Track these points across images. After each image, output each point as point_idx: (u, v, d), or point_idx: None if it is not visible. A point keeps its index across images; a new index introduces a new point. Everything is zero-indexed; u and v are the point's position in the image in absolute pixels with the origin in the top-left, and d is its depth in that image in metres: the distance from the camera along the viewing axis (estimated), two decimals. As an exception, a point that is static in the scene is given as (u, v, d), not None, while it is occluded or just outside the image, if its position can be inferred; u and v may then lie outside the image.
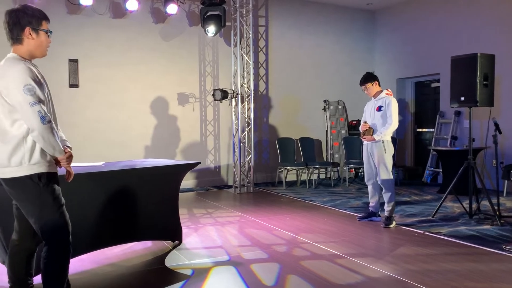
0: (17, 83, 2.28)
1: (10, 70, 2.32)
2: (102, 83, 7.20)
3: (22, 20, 2.41)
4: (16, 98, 2.28)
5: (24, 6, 2.48)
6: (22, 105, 2.27)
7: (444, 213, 5.55)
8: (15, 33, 2.42)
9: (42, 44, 2.50)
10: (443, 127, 8.27)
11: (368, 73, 5.14)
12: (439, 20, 8.18)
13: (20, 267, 2.63)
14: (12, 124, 2.34)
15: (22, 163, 2.34)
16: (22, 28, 2.41)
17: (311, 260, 3.78)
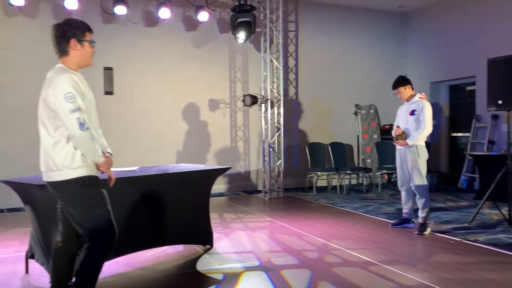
0: (59, 91, 2.42)
1: (55, 80, 2.46)
2: (136, 90, 7.37)
3: (68, 32, 2.55)
4: (58, 105, 2.41)
5: (68, 19, 2.63)
6: (63, 112, 2.40)
7: (481, 220, 5.37)
8: (62, 46, 2.56)
9: (87, 54, 2.63)
10: (479, 131, 8.01)
11: (400, 76, 5.05)
12: (474, 21, 7.95)
13: (62, 268, 2.71)
14: (55, 130, 2.48)
15: (66, 167, 2.47)
16: (68, 40, 2.55)
17: (343, 267, 3.73)
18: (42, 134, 2.54)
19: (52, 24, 2.65)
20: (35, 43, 6.77)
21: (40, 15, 6.79)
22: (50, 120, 2.48)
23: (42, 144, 2.54)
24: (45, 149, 2.52)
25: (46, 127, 2.50)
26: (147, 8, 7.39)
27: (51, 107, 2.45)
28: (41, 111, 2.53)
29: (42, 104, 2.52)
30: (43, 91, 2.51)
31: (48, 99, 2.46)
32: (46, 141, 2.51)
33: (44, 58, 6.84)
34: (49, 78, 2.53)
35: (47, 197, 3.14)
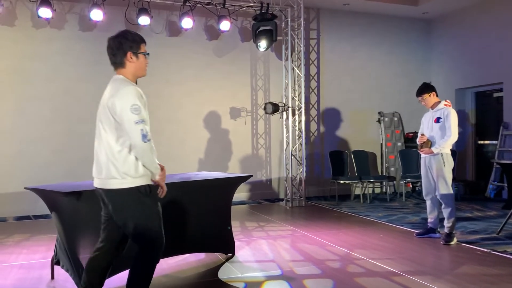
0: (125, 103, 2.48)
1: (121, 90, 2.53)
2: (159, 99, 7.47)
3: (124, 45, 2.62)
4: (123, 116, 2.47)
5: (124, 32, 2.70)
6: (128, 122, 2.47)
7: (510, 230, 5.20)
8: (119, 58, 2.65)
9: (142, 65, 2.70)
10: (507, 139, 7.80)
11: (424, 83, 4.97)
12: (501, 27, 7.78)
13: (96, 275, 2.74)
14: (117, 140, 2.54)
15: (127, 175, 2.52)
16: (125, 53, 2.63)
17: (366, 277, 3.67)
18: (104, 142, 2.58)
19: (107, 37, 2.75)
20: (61, 55, 6.96)
21: (66, 26, 6.98)
22: (113, 130, 2.54)
23: (102, 152, 2.59)
24: (108, 157, 2.55)
25: (108, 136, 2.56)
26: (170, 18, 7.51)
27: (116, 117, 2.52)
28: (103, 120, 2.58)
29: (104, 113, 2.57)
30: (106, 101, 2.57)
31: (113, 109, 2.51)
32: (108, 149, 2.55)
33: (69, 69, 7.05)
34: (113, 88, 2.60)
35: (72, 205, 3.20)
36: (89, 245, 3.26)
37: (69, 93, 6.98)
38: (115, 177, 2.52)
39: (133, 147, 2.51)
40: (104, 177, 2.57)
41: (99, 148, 2.62)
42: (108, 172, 2.54)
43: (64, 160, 6.91)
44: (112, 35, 2.69)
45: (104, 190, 2.58)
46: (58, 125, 6.92)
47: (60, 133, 6.92)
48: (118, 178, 2.51)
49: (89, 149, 7.65)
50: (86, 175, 7.01)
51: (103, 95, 2.66)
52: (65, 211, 3.30)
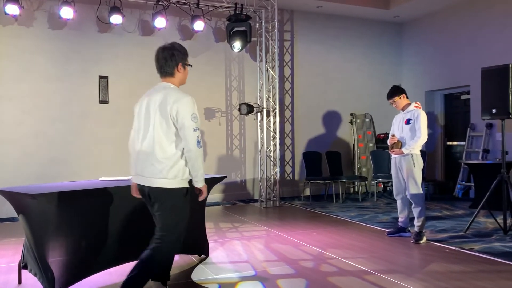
0: (187, 111, 2.73)
1: (183, 99, 2.75)
2: (131, 99, 7.33)
3: (176, 57, 2.88)
4: (185, 122, 2.71)
5: (175, 44, 2.92)
6: (188, 129, 2.71)
7: (477, 228, 5.37)
8: (170, 68, 2.89)
9: (186, 76, 2.98)
10: (474, 140, 8.05)
11: (394, 86, 5.08)
12: (468, 31, 8.03)
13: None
14: (170, 144, 2.76)
15: (177, 176, 2.76)
16: (176, 63, 2.88)
17: (338, 276, 3.72)
18: (156, 144, 2.75)
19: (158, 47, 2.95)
20: (30, 53, 6.77)
21: (35, 24, 6.80)
22: (168, 134, 2.75)
23: (151, 152, 2.76)
24: (159, 158, 2.73)
25: (161, 138, 2.74)
26: (142, 17, 7.42)
27: (175, 123, 2.74)
28: (156, 123, 2.76)
29: (158, 117, 2.75)
30: (159, 105, 2.76)
31: (174, 115, 2.72)
32: (161, 151, 2.74)
33: (39, 68, 6.87)
34: (170, 95, 2.78)
35: (41, 207, 3.12)
36: (58, 248, 3.19)
37: (39, 93, 6.80)
38: (166, 177, 2.74)
39: (187, 151, 2.74)
40: (152, 176, 2.75)
41: (145, 148, 2.79)
42: (159, 171, 2.74)
43: (34, 162, 6.72)
44: (162, 46, 2.91)
45: (151, 188, 2.77)
46: (28, 126, 6.73)
47: (30, 134, 6.74)
48: (168, 178, 2.74)
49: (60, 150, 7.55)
50: (57, 177, 6.91)
51: (150, 99, 2.85)
52: (34, 214, 3.21)
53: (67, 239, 3.24)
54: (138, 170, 2.85)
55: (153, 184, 2.76)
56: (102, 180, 3.97)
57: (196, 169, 2.79)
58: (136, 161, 2.86)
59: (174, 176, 2.75)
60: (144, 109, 2.85)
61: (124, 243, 3.61)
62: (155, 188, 2.76)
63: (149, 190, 2.80)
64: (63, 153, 6.93)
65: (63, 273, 3.19)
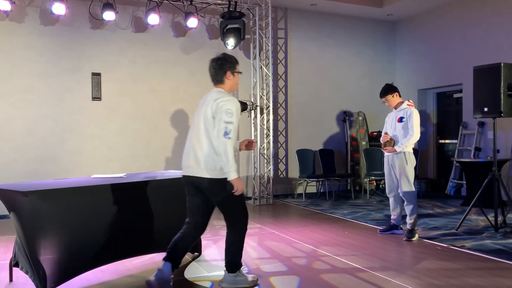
0: (224, 106, 3.05)
1: (223, 98, 3.12)
2: (124, 96, 7.33)
3: (225, 66, 3.23)
4: (220, 114, 3.04)
5: (225, 55, 3.29)
6: (219, 121, 3.03)
7: (468, 226, 5.42)
8: (220, 76, 3.24)
9: (236, 82, 3.31)
10: (466, 138, 8.11)
11: (387, 84, 5.10)
12: (461, 30, 8.08)
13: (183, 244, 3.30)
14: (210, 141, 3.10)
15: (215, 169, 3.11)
16: (225, 72, 3.22)
17: (331, 273, 3.73)
18: (207, 141, 3.10)
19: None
20: (22, 49, 6.71)
21: (27, 20, 6.74)
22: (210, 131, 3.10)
23: (203, 148, 3.11)
24: (210, 153, 3.10)
25: (210, 137, 3.10)
26: (135, 14, 7.38)
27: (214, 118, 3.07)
28: (207, 123, 3.11)
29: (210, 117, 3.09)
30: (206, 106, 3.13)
31: (215, 110, 3.06)
32: (210, 147, 3.10)
33: (30, 65, 6.81)
34: (218, 96, 3.12)
35: (32, 205, 3.10)
36: (50, 246, 3.17)
37: (31, 89, 6.75)
38: (214, 169, 3.08)
39: (215, 140, 3.05)
40: (203, 168, 3.10)
41: (196, 144, 3.16)
42: (208, 164, 3.09)
43: (25, 159, 6.67)
44: (214, 57, 3.27)
45: (201, 178, 3.11)
46: (20, 122, 6.68)
47: (22, 131, 6.68)
48: (216, 170, 3.08)
49: (52, 147, 7.50)
50: (49, 174, 6.86)
51: (203, 102, 3.22)
52: (25, 211, 3.19)
53: (59, 237, 3.22)
54: (189, 162, 3.20)
55: (203, 174, 3.12)
56: (94, 178, 3.95)
57: (222, 159, 3.03)
58: (189, 155, 3.22)
59: (221, 168, 3.06)
60: (198, 111, 3.26)
61: (116, 240, 3.59)
62: (204, 179, 3.13)
63: (196, 180, 3.17)
64: (55, 150, 6.88)
65: (54, 271, 3.17)
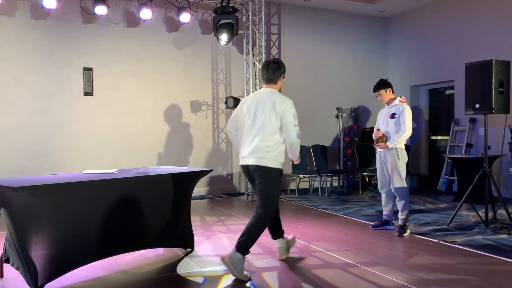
0: (291, 112, 3.54)
1: (287, 102, 3.57)
2: (116, 91, 7.28)
3: (281, 69, 3.74)
4: (288, 120, 3.52)
5: (278, 59, 3.81)
6: (290, 125, 3.53)
7: (459, 222, 5.46)
8: (275, 77, 3.71)
9: (281, 84, 3.79)
10: (458, 134, 8.16)
11: (381, 80, 5.11)
12: (454, 26, 8.11)
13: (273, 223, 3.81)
14: (274, 135, 3.55)
15: (277, 160, 3.57)
16: (280, 74, 3.72)
17: (323, 268, 3.74)
18: (266, 134, 3.53)
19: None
20: (12, 44, 6.64)
21: (17, 14, 6.66)
22: (275, 128, 3.54)
23: (261, 140, 3.52)
24: (268, 145, 3.52)
25: (266, 131, 3.53)
26: (128, 8, 7.32)
27: (282, 120, 3.53)
28: (266, 118, 3.53)
29: (267, 114, 3.52)
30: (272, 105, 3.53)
31: (282, 114, 3.52)
32: (269, 139, 3.53)
33: (21, 59, 6.74)
34: (278, 98, 3.58)
35: (24, 200, 3.08)
36: (41, 242, 3.15)
37: (22, 84, 6.68)
38: (270, 159, 3.53)
39: (290, 142, 3.58)
40: (261, 157, 3.52)
41: (255, 137, 3.55)
42: (265, 154, 3.52)
43: (16, 154, 6.62)
44: (270, 60, 3.78)
45: (258, 166, 3.53)
46: (10, 117, 6.61)
47: (12, 126, 6.62)
48: (271, 160, 3.53)
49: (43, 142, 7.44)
50: (40, 170, 6.82)
51: (260, 99, 3.61)
52: (16, 207, 3.16)
53: (50, 233, 3.20)
54: (248, 152, 3.58)
55: (261, 163, 3.52)
56: (86, 173, 3.93)
57: (295, 154, 3.66)
58: (245, 145, 3.61)
59: (275, 158, 3.54)
60: (254, 107, 3.59)
61: (108, 236, 3.58)
62: (261, 167, 3.52)
63: (255, 168, 3.55)
64: (47, 146, 6.83)
65: (46, 267, 3.15)
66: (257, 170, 3.55)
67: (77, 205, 3.38)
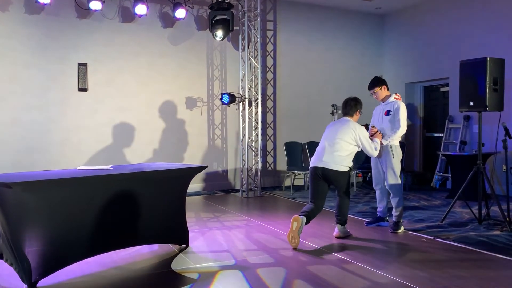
0: (364, 135, 4.57)
1: (360, 128, 4.58)
2: (111, 87, 7.25)
3: (358, 106, 4.71)
4: (363, 142, 4.56)
5: (357, 98, 4.76)
6: (366, 145, 4.57)
7: (453, 218, 5.50)
8: (352, 111, 4.69)
9: (358, 118, 4.77)
10: (452, 131, 8.20)
11: (376, 77, 5.12)
12: (449, 24, 8.13)
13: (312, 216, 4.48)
14: (347, 148, 4.51)
15: (347, 165, 4.54)
16: (356, 109, 4.70)
17: (317, 265, 3.76)
18: (342, 147, 4.48)
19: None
20: (5, 38, 6.59)
21: (11, 9, 6.61)
22: (349, 145, 4.50)
23: (336, 151, 4.47)
24: (341, 155, 4.48)
25: (341, 145, 4.49)
26: (123, 3, 7.28)
27: (357, 141, 4.53)
28: (345, 137, 4.50)
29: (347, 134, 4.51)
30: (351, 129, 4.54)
31: (357, 138, 4.52)
32: (343, 152, 4.48)
33: (15, 54, 6.69)
34: (355, 126, 4.57)
35: (17, 196, 3.06)
36: (35, 238, 3.14)
37: (15, 79, 6.64)
38: (343, 164, 4.49)
39: (368, 153, 4.66)
40: (336, 163, 4.46)
41: (333, 147, 4.50)
42: (339, 161, 4.47)
43: (9, 150, 6.58)
44: (351, 97, 4.76)
45: (333, 171, 4.46)
46: (3, 113, 6.57)
47: (5, 121, 6.58)
48: (344, 165, 4.50)
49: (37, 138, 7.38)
50: (34, 166, 6.78)
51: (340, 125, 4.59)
52: (9, 203, 3.15)
53: (44, 229, 3.19)
54: (323, 158, 4.49)
55: (336, 168, 4.47)
56: (80, 169, 3.91)
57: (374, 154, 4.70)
58: (321, 154, 4.53)
59: (346, 164, 4.52)
60: (334, 129, 4.59)
61: (102, 232, 3.57)
62: (336, 171, 4.46)
63: (329, 172, 4.46)
64: (40, 141, 6.79)
65: (40, 263, 3.15)
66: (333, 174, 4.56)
67: (71, 201, 3.37)
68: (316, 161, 4.55)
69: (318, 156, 4.58)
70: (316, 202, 4.52)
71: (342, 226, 4.64)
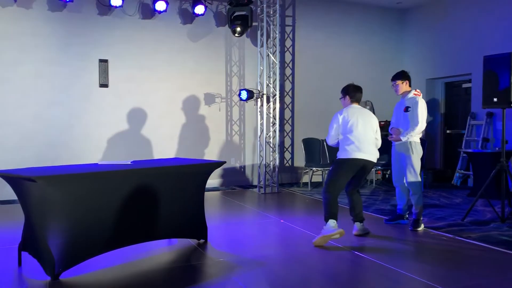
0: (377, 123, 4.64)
1: (375, 117, 4.64)
2: (131, 83, 7.34)
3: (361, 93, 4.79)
4: (378, 129, 4.61)
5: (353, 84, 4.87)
6: (379, 134, 4.62)
7: (474, 217, 5.40)
8: (360, 98, 4.72)
9: None
10: (474, 128, 8.04)
11: (403, 71, 5.05)
12: (472, 18, 7.96)
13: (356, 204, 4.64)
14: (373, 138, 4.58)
15: (376, 155, 4.55)
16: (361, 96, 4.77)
17: (337, 262, 3.75)
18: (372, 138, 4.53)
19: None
20: (29, 35, 6.72)
21: (35, 6, 6.74)
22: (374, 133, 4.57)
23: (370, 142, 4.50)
24: (374, 145, 4.54)
25: (372, 136, 4.54)
26: (143, 0, 7.34)
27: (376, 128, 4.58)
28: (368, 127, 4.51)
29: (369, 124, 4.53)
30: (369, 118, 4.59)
31: (374, 126, 4.57)
32: (373, 142, 4.53)
33: (39, 51, 6.82)
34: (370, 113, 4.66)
35: (41, 190, 3.13)
36: (58, 231, 3.21)
37: (39, 76, 6.77)
38: (376, 155, 4.54)
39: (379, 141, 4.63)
40: (375, 155, 4.52)
41: (371, 139, 4.52)
42: (376, 154, 4.54)
43: (33, 145, 6.73)
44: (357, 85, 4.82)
45: (373, 163, 4.52)
46: (27, 109, 6.71)
47: (30, 117, 6.72)
48: (376, 155, 4.54)
49: (60, 133, 7.53)
50: (56, 160, 6.92)
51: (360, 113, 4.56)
52: (33, 196, 3.23)
53: (67, 222, 3.26)
54: (365, 150, 4.43)
55: (373, 159, 4.49)
56: (100, 164, 3.98)
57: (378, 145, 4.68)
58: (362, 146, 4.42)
59: (376, 154, 4.56)
60: (368, 119, 4.53)
61: (122, 226, 3.63)
62: (373, 162, 4.50)
63: (369, 163, 4.47)
64: (63, 136, 6.92)
65: (63, 256, 3.22)
66: (371, 164, 4.54)
67: (93, 195, 3.43)
68: (359, 153, 4.39)
69: (359, 148, 4.41)
70: (336, 193, 4.38)
71: (361, 223, 4.61)
